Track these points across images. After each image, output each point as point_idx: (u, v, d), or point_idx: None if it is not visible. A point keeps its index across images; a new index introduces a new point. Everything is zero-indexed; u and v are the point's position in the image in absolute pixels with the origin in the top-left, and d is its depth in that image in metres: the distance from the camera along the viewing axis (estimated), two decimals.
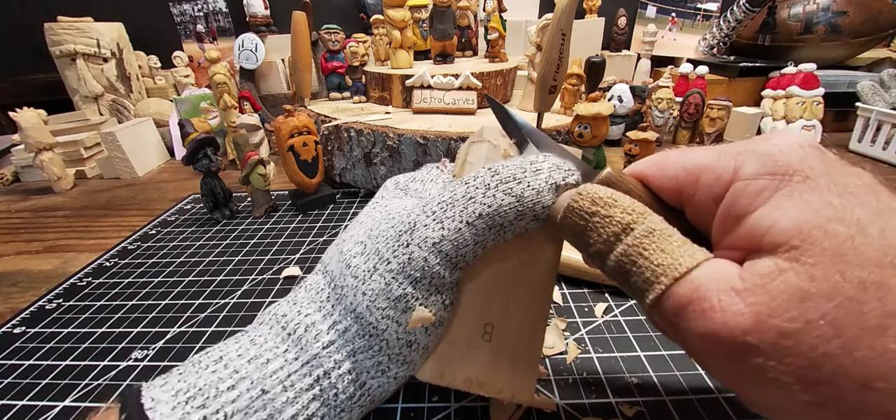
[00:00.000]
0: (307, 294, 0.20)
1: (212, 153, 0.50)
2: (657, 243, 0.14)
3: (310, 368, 0.17)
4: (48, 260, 0.46)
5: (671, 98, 0.74)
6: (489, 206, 0.17)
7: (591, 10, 1.03)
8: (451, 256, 0.17)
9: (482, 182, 0.17)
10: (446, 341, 0.19)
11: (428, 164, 0.27)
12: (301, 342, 0.18)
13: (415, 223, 0.18)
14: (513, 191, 0.17)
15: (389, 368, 0.18)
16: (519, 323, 0.20)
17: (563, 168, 0.17)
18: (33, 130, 0.64)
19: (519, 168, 0.17)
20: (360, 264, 0.18)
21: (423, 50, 0.70)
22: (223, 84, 0.68)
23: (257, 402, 0.16)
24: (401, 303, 0.17)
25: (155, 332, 0.33)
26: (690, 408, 0.24)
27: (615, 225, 0.15)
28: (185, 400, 0.16)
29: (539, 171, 0.17)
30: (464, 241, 0.17)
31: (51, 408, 0.26)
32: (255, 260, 0.42)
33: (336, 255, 0.20)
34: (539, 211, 0.17)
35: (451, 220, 0.17)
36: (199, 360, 0.18)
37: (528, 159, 0.18)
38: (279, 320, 0.19)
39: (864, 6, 0.82)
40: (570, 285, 0.36)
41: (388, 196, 0.23)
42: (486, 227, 0.17)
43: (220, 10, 1.12)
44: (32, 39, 0.96)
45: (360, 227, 0.20)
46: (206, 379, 0.16)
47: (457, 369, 0.19)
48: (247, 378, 0.17)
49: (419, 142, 0.50)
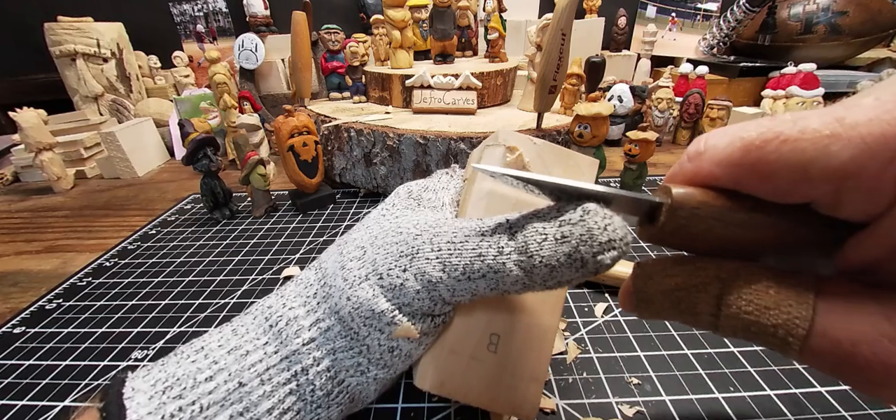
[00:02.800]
0: (296, 288, 0.20)
1: (212, 153, 0.50)
2: (754, 296, 0.12)
3: (288, 363, 0.17)
4: (48, 260, 0.46)
5: (671, 98, 0.74)
6: (495, 272, 0.15)
7: (591, 10, 1.03)
8: (445, 299, 0.17)
9: (497, 242, 0.15)
10: (449, 350, 0.19)
11: (438, 172, 0.27)
12: (281, 336, 0.18)
13: (418, 251, 0.17)
14: (525, 263, 0.14)
15: (369, 370, 0.18)
16: (526, 335, 0.19)
17: (600, 240, 0.13)
18: (33, 130, 0.64)
19: (538, 233, 0.14)
20: (353, 268, 0.18)
21: (423, 50, 0.70)
22: (223, 84, 0.68)
23: (234, 394, 0.16)
24: (384, 317, 0.17)
25: (155, 332, 0.33)
26: (690, 408, 0.24)
27: (699, 293, 0.13)
28: (162, 390, 0.16)
29: (564, 241, 0.14)
30: (461, 291, 0.16)
31: (51, 408, 0.26)
32: (255, 260, 0.42)
33: (335, 255, 0.20)
34: (551, 286, 0.15)
35: (453, 269, 0.16)
36: (183, 350, 0.18)
37: (556, 219, 0.14)
38: (264, 311, 0.19)
39: (864, 6, 0.82)
40: (571, 285, 0.36)
41: (400, 205, 0.22)
42: (487, 288, 0.16)
43: (220, 10, 1.12)
44: (32, 39, 0.96)
45: (366, 231, 0.20)
46: (186, 369, 0.17)
47: (459, 380, 0.19)
48: (225, 369, 0.17)
49: (419, 142, 0.50)
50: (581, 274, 0.14)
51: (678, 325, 0.30)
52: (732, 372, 0.26)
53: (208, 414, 0.15)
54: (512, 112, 0.61)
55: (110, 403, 0.15)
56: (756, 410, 0.24)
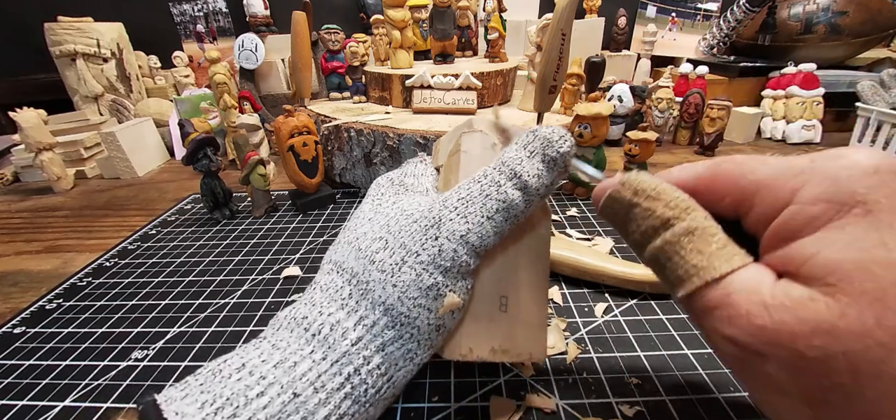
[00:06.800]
0: (324, 294, 0.19)
1: (212, 153, 0.50)
2: (696, 243, 0.14)
3: (339, 367, 0.17)
4: (48, 260, 0.46)
5: (671, 98, 0.74)
6: (503, 202, 0.18)
7: (591, 10, 1.03)
8: (476, 246, 0.19)
9: (493, 180, 0.19)
10: (471, 319, 0.21)
11: (410, 160, 0.28)
12: (328, 341, 0.18)
13: (440, 218, 0.19)
14: (519, 184, 0.18)
15: (417, 355, 0.19)
16: (527, 288, 0.22)
17: (554, 140, 0.18)
18: (33, 130, 0.64)
19: (516, 158, 0.19)
20: (385, 258, 0.19)
21: (423, 50, 0.70)
22: (223, 84, 0.68)
23: (290, 405, 0.16)
24: (432, 291, 0.18)
25: (155, 332, 0.33)
26: (690, 408, 0.24)
27: (655, 219, 0.15)
28: (213, 411, 0.15)
29: (534, 154, 0.19)
30: (486, 233, 0.19)
31: (51, 408, 0.26)
32: (255, 260, 0.42)
33: (353, 253, 0.20)
34: (545, 192, 0.19)
35: (473, 215, 0.18)
36: (220, 369, 0.17)
37: (522, 142, 0.19)
38: (300, 322, 0.19)
39: (864, 6, 0.82)
40: (570, 285, 0.36)
41: (387, 193, 0.23)
42: (503, 219, 0.19)
43: (220, 10, 1.12)
44: (32, 39, 0.96)
45: (373, 224, 0.20)
46: (233, 388, 0.16)
47: (483, 343, 0.21)
48: (276, 383, 0.16)
49: (419, 142, 0.50)
50: (557, 169, 0.19)
51: (678, 325, 0.30)
52: (732, 372, 0.26)
53: None
54: (512, 112, 0.61)
55: None
56: (756, 410, 0.24)
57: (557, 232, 0.42)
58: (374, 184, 0.25)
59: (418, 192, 0.24)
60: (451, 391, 0.26)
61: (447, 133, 0.27)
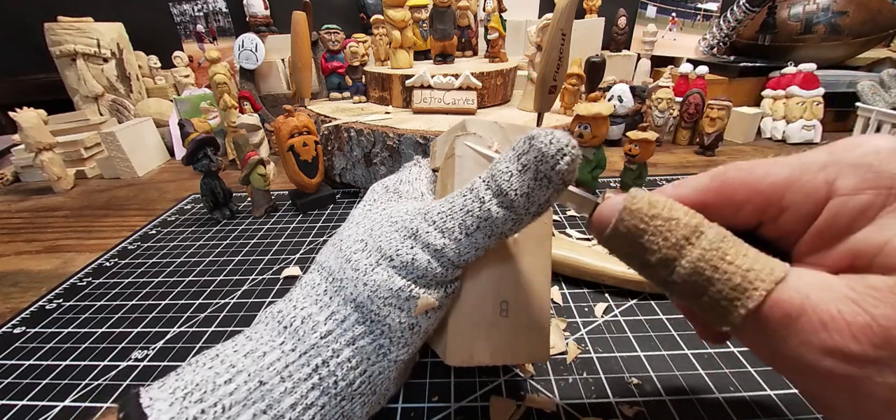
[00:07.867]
0: (302, 291, 0.20)
1: (212, 153, 0.50)
2: (737, 248, 0.13)
3: (307, 358, 0.17)
4: (48, 260, 0.46)
5: (671, 98, 0.74)
6: (485, 220, 0.17)
7: (591, 10, 1.03)
8: (454, 260, 0.18)
9: (477, 194, 0.17)
10: (471, 324, 0.21)
11: (406, 164, 0.28)
12: (298, 333, 0.18)
13: (417, 230, 0.18)
14: (504, 201, 0.16)
15: (390, 351, 0.19)
16: (528, 293, 0.22)
17: (550, 155, 0.15)
18: (33, 130, 0.64)
19: (504, 172, 0.16)
20: (361, 259, 0.19)
21: (423, 50, 0.70)
22: (223, 84, 0.68)
23: (255, 393, 0.16)
24: (403, 293, 0.18)
25: (155, 332, 0.33)
26: (690, 408, 0.24)
27: (683, 227, 0.13)
28: (182, 396, 0.16)
29: (526, 169, 0.16)
30: (464, 249, 0.18)
31: (51, 408, 0.26)
32: (255, 260, 0.42)
33: (334, 253, 0.20)
34: (538, 211, 0.17)
35: (452, 232, 0.17)
36: (197, 360, 0.18)
37: (516, 152, 0.16)
38: (275, 316, 0.19)
39: (864, 6, 0.82)
40: (570, 285, 0.36)
41: (379, 200, 0.24)
42: (485, 236, 0.17)
43: (220, 10, 1.12)
44: (32, 39, 0.96)
45: (358, 227, 0.21)
46: (203, 375, 0.17)
47: (484, 348, 0.21)
48: (243, 371, 0.17)
49: (419, 142, 0.50)
50: (552, 188, 0.16)
51: (678, 325, 0.30)
52: (732, 372, 0.26)
53: (231, 414, 0.16)
54: (512, 112, 0.61)
55: (130, 412, 0.15)
56: (756, 410, 0.24)
57: (557, 232, 0.42)
58: (370, 190, 0.26)
59: (412, 198, 0.24)
60: (452, 391, 0.26)
61: (443, 134, 0.26)
